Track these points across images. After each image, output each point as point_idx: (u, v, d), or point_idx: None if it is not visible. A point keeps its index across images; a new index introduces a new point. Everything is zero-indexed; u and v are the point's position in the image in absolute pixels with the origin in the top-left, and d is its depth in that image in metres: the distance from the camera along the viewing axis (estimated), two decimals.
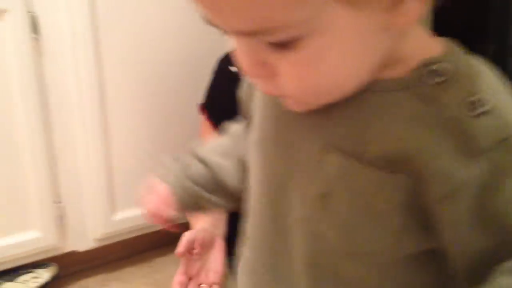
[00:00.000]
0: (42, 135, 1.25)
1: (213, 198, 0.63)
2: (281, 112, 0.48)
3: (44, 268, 1.34)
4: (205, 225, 0.94)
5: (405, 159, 0.40)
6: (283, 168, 0.48)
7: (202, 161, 0.63)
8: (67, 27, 1.23)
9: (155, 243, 1.50)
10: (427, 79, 0.40)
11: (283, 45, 0.36)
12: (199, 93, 1.20)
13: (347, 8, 0.35)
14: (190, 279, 0.87)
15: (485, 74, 0.42)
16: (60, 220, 1.33)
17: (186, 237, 0.86)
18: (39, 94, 1.23)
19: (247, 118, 0.58)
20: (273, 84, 0.40)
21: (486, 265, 0.40)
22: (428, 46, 0.42)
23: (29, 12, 1.17)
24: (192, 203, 0.62)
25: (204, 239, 0.89)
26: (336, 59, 0.38)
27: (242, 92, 0.58)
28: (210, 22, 0.38)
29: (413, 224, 0.42)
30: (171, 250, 0.83)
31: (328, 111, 0.43)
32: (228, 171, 0.63)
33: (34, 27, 1.19)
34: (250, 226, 0.55)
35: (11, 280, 1.30)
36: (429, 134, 0.39)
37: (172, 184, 0.62)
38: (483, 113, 0.38)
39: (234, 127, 0.65)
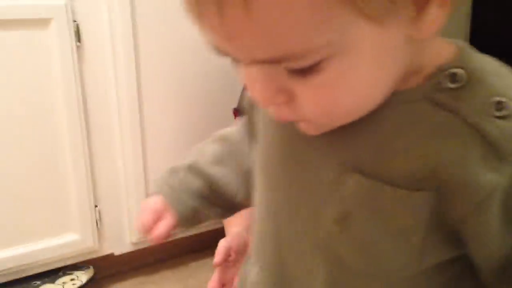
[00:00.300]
0: (82, 140, 1.29)
1: (211, 209, 0.62)
2: (290, 133, 0.46)
3: (82, 270, 1.37)
4: (239, 229, 0.94)
5: (431, 175, 0.38)
6: (294, 191, 0.47)
7: (198, 172, 0.62)
8: (107, 35, 1.27)
9: (190, 247, 1.51)
10: (445, 85, 0.39)
11: (305, 71, 0.34)
12: (234, 98, 1.21)
13: (372, 25, 0.33)
14: (223, 285, 0.87)
15: (502, 73, 0.40)
16: (98, 223, 1.36)
17: (222, 245, 0.86)
18: (80, 100, 1.26)
19: (250, 128, 0.57)
20: (290, 110, 0.38)
21: None
22: (441, 51, 0.41)
23: (73, 21, 1.21)
24: (190, 216, 0.60)
25: (239, 245, 0.89)
26: (360, 79, 0.36)
27: (246, 103, 0.57)
28: (222, 52, 0.36)
29: (435, 238, 0.40)
30: (206, 255, 0.84)
31: (343, 129, 0.41)
32: (225, 179, 0.61)
33: (77, 35, 1.23)
34: (260, 250, 0.53)
35: (50, 282, 1.33)
36: (454, 144, 0.38)
37: (169, 198, 0.60)
38: (503, 116, 0.37)
39: (227, 132, 0.64)
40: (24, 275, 1.31)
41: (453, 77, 0.39)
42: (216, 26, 0.33)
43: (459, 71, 0.38)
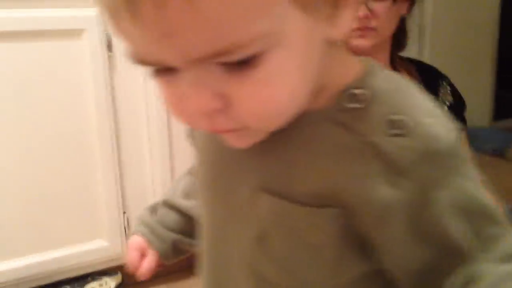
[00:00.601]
0: (112, 148, 1.31)
1: (191, 240, 0.64)
2: (218, 157, 0.48)
3: (110, 276, 1.39)
4: None
5: (333, 193, 0.39)
6: (221, 214, 0.48)
7: (172, 206, 0.65)
8: None
9: None
10: (346, 106, 0.40)
11: (242, 66, 0.34)
12: None
13: (304, 16, 0.34)
14: None
15: (401, 92, 0.41)
16: (126, 230, 1.38)
17: None
18: (110, 108, 1.29)
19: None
20: (225, 118, 0.37)
21: (431, 279, 0.39)
22: (348, 70, 0.42)
23: (104, 31, 1.24)
24: (170, 250, 0.64)
25: None
26: (294, 72, 0.36)
27: (187, 133, 0.58)
28: (149, 59, 0.35)
29: (350, 252, 0.42)
30: None
31: (260, 152, 0.43)
32: (196, 211, 0.61)
33: (109, 45, 1.25)
34: (202, 270, 0.54)
35: (79, 287, 1.35)
36: (353, 163, 0.39)
37: (147, 237, 0.63)
38: (399, 133, 0.38)
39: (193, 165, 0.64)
40: (53, 280, 1.33)
41: (354, 98, 0.40)
42: (153, 23, 0.31)
43: (359, 91, 0.40)
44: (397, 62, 1.12)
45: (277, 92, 0.36)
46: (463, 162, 0.40)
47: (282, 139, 0.41)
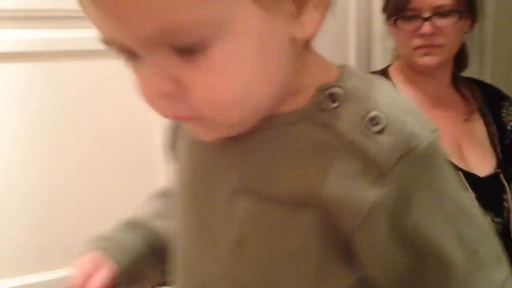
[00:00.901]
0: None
1: (157, 265, 0.58)
2: (198, 162, 0.47)
3: None
4: None
5: (312, 192, 0.38)
6: (198, 221, 0.47)
7: (138, 227, 0.60)
8: None
9: None
10: (324, 105, 0.40)
11: (192, 52, 0.34)
12: None
13: (258, 10, 0.34)
14: None
15: (379, 91, 0.40)
16: None
17: None
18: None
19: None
20: (182, 103, 0.37)
21: (414, 283, 0.39)
22: (324, 73, 0.42)
23: None
24: (131, 266, 0.56)
25: None
26: (247, 64, 0.36)
27: (166, 141, 0.57)
28: (118, 45, 0.36)
29: (331, 258, 0.40)
30: None
31: (239, 153, 0.42)
32: (168, 232, 0.58)
33: None
34: (177, 282, 0.52)
35: None
36: (333, 162, 0.38)
37: (106, 249, 0.56)
38: (379, 131, 0.37)
39: (168, 187, 0.62)
40: None
41: (332, 97, 0.39)
42: (110, 7, 0.33)
43: (337, 90, 0.39)
44: (460, 82, 1.11)
45: (226, 81, 0.36)
46: (443, 162, 0.39)
47: (261, 139, 0.42)
